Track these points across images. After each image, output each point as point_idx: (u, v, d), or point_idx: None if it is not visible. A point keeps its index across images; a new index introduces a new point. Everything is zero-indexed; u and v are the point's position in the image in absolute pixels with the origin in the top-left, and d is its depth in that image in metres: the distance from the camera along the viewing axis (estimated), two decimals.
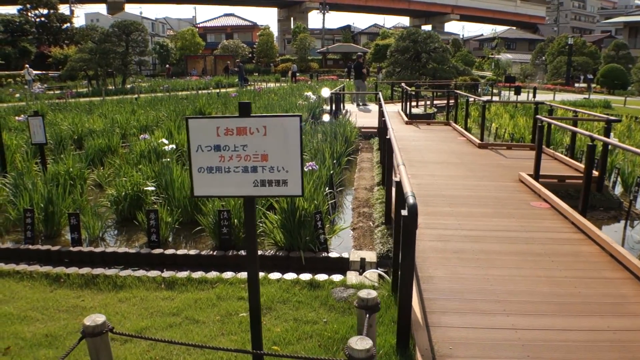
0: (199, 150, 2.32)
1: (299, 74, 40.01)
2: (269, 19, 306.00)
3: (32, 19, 40.81)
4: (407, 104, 15.54)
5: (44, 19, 41.33)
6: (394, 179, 3.57)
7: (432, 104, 18.39)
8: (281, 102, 15.69)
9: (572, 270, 3.98)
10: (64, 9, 45.51)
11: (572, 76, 35.94)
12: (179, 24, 73.19)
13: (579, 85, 35.14)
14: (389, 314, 3.37)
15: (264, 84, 31.03)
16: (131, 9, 67.32)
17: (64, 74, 29.75)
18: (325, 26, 62.29)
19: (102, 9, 63.99)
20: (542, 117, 7.44)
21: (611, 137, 8.35)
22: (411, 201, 2.53)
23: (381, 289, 3.76)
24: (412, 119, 14.09)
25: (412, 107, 16.13)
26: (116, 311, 3.58)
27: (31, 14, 40.93)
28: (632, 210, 6.56)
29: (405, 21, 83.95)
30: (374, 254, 4.65)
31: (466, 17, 78.23)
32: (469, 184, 6.80)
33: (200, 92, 22.76)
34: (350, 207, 6.58)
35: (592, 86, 31.53)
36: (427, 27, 63.06)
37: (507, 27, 72.61)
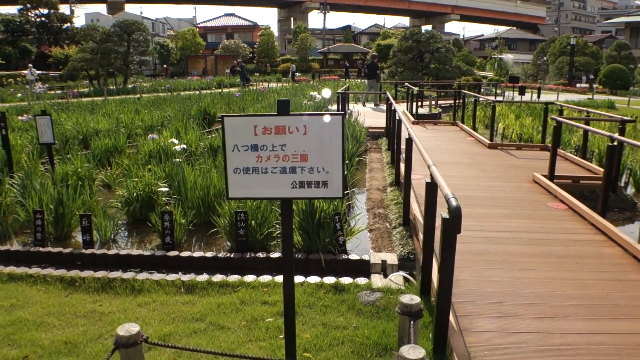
0: (235, 150, 2.22)
1: (299, 74, 40.03)
2: (269, 19, 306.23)
3: (33, 19, 40.72)
4: (413, 104, 15.45)
5: (44, 19, 41.25)
6: (425, 180, 3.47)
7: (437, 104, 18.29)
8: None
9: (597, 272, 3.91)
10: (64, 9, 45.42)
11: (574, 76, 35.89)
12: (179, 24, 72.98)
13: (581, 85, 35.09)
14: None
15: (266, 83, 30.91)
16: (131, 8, 67.08)
17: (64, 73, 29.64)
18: (325, 26, 62.13)
19: (102, 8, 63.91)
20: (557, 118, 7.35)
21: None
22: (454, 203, 2.43)
23: (409, 292, 3.66)
24: (418, 119, 14.00)
25: (418, 107, 16.04)
26: (136, 317, 3.46)
27: (31, 14, 40.84)
28: None
29: (405, 21, 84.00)
30: (395, 256, 4.56)
31: (466, 17, 78.18)
32: (484, 184, 6.72)
33: (202, 92, 22.63)
34: (364, 208, 6.48)
35: (595, 86, 31.49)
36: (427, 27, 62.89)
37: (507, 28, 72.61)
